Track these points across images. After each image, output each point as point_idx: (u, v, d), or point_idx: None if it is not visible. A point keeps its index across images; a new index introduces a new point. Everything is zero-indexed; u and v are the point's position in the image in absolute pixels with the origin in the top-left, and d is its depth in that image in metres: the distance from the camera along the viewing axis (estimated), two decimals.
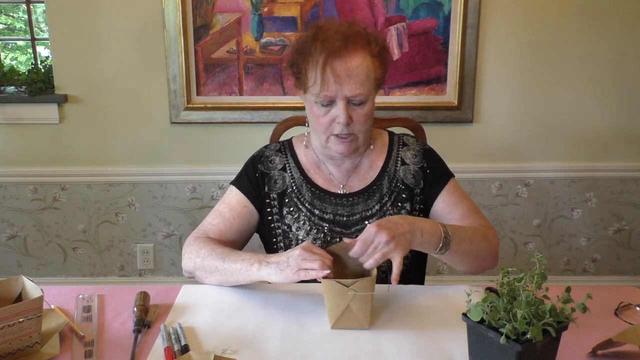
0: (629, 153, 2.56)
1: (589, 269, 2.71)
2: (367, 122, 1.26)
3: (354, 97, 1.21)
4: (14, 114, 2.49)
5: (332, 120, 1.24)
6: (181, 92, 2.44)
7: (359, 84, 1.20)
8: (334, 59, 1.19)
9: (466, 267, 1.26)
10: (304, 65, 1.24)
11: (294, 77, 1.30)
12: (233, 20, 2.39)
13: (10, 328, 0.91)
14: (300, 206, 1.32)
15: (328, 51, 1.19)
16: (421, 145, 1.40)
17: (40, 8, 2.68)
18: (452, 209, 1.32)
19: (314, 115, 1.26)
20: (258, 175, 1.36)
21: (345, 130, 1.24)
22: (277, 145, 1.42)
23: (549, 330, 0.81)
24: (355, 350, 0.99)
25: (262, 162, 1.38)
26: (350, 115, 1.22)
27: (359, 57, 1.20)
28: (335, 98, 1.21)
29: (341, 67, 1.19)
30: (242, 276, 1.17)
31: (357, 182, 1.35)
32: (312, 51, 1.21)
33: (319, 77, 1.20)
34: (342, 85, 1.19)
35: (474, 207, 1.34)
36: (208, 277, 1.24)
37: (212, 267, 1.21)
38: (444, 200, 1.33)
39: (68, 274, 2.68)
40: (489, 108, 2.50)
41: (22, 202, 2.59)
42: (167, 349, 0.97)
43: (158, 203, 2.59)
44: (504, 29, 2.41)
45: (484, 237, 1.24)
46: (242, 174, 1.39)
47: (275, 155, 1.39)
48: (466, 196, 1.35)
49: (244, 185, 1.36)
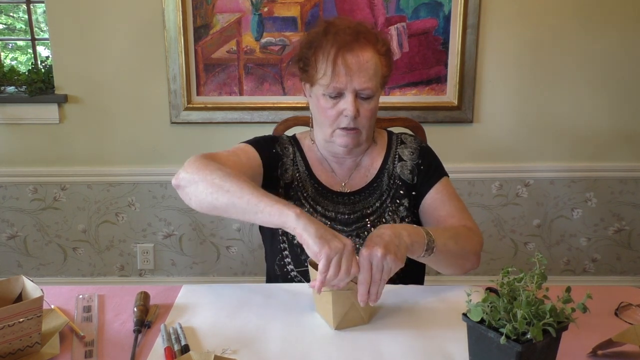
0: (629, 153, 2.56)
1: (589, 269, 2.71)
2: (372, 117, 1.28)
3: (363, 90, 1.22)
4: (14, 114, 2.49)
5: (339, 113, 1.25)
6: (181, 92, 2.44)
7: (367, 77, 1.22)
8: (345, 51, 1.21)
9: (450, 269, 1.23)
10: (314, 57, 1.25)
11: (301, 72, 1.30)
12: (233, 20, 2.39)
13: (10, 328, 0.91)
14: (304, 201, 1.33)
15: (340, 44, 1.21)
16: (418, 143, 1.41)
17: (40, 8, 2.68)
18: (439, 205, 1.31)
19: (321, 107, 1.27)
20: (275, 152, 1.35)
21: (352, 124, 1.25)
22: (287, 138, 1.42)
23: (549, 330, 0.81)
24: (355, 350, 0.98)
25: (280, 144, 1.38)
26: (358, 109, 1.24)
27: (369, 52, 1.23)
28: (344, 90, 1.23)
29: (352, 60, 1.21)
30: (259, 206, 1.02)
31: (359, 180, 1.36)
32: (324, 44, 1.23)
33: (329, 68, 1.21)
34: (352, 78, 1.21)
35: (462, 207, 1.33)
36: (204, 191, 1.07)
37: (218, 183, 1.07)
38: (432, 196, 1.33)
39: (68, 274, 2.69)
40: (489, 108, 2.50)
41: (22, 202, 2.59)
42: (167, 349, 0.97)
43: (158, 203, 2.59)
44: (504, 29, 2.41)
45: (467, 237, 1.23)
46: (259, 140, 1.35)
47: (288, 144, 1.40)
48: (456, 196, 1.35)
49: (261, 148, 1.31)
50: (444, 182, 1.35)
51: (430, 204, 1.33)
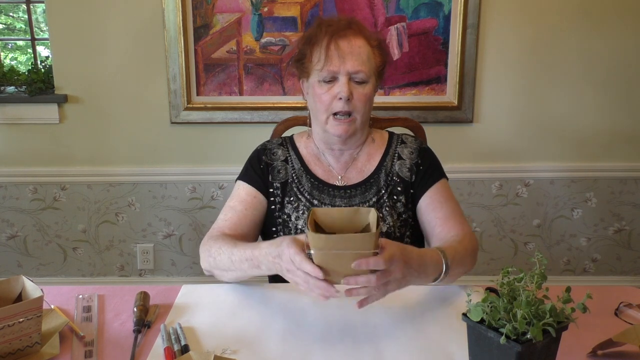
0: (629, 153, 2.56)
1: (589, 269, 2.71)
2: (366, 103, 1.30)
3: (356, 73, 1.26)
4: (14, 114, 2.49)
5: (333, 97, 1.28)
6: (181, 92, 2.44)
7: (360, 61, 1.27)
8: (338, 37, 1.27)
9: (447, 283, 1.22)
10: (310, 49, 1.31)
11: (298, 67, 1.35)
12: (233, 20, 2.39)
13: (10, 328, 0.91)
14: (300, 196, 1.35)
15: (333, 31, 1.28)
16: (419, 144, 1.43)
17: (40, 8, 2.68)
18: (435, 207, 1.33)
19: (316, 95, 1.30)
20: (263, 166, 1.39)
21: (346, 107, 1.27)
22: (279, 140, 1.46)
23: (549, 330, 0.81)
24: (355, 350, 0.98)
25: (265, 154, 1.42)
26: (352, 92, 1.27)
27: (361, 40, 1.29)
28: (337, 74, 1.27)
29: (345, 45, 1.27)
30: (252, 272, 1.16)
31: (355, 175, 1.38)
32: (319, 36, 1.30)
33: (323, 54, 1.27)
34: (345, 61, 1.26)
35: (458, 210, 1.34)
36: (225, 275, 1.24)
37: (224, 265, 1.21)
38: (429, 197, 1.34)
39: (68, 274, 2.69)
40: (489, 108, 2.50)
41: (22, 202, 2.59)
42: (167, 349, 0.97)
43: (158, 203, 2.59)
44: (504, 29, 2.41)
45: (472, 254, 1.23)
46: (247, 168, 1.41)
47: (278, 148, 1.43)
48: (453, 199, 1.36)
49: (250, 177, 1.39)
50: (442, 184, 1.37)
51: (428, 204, 1.34)
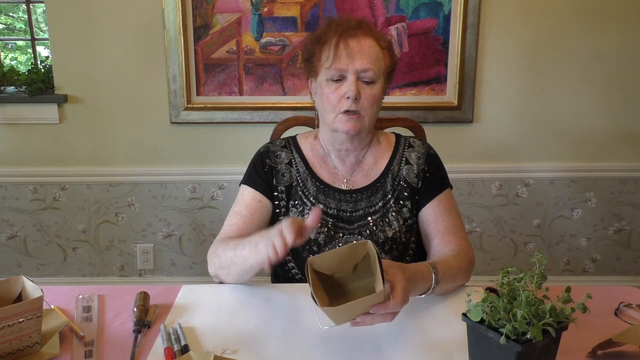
0: (629, 153, 2.56)
1: (589, 269, 2.71)
2: (374, 103, 1.28)
3: (365, 71, 1.25)
4: (14, 114, 2.49)
5: (341, 96, 1.27)
6: (181, 92, 2.44)
7: (369, 60, 1.25)
8: (347, 36, 1.26)
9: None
10: (319, 48, 1.29)
11: (308, 66, 1.34)
12: (233, 20, 2.39)
13: (10, 328, 0.91)
14: (305, 200, 1.34)
15: (342, 30, 1.27)
16: (426, 149, 1.41)
17: (40, 8, 2.68)
18: (437, 219, 1.32)
19: (324, 94, 1.29)
20: (267, 169, 1.37)
21: (353, 107, 1.26)
22: (282, 142, 1.43)
23: (549, 331, 0.81)
24: (355, 350, 0.99)
25: (269, 156, 1.39)
26: (359, 92, 1.25)
27: (371, 40, 1.27)
28: (346, 73, 1.26)
29: (354, 44, 1.25)
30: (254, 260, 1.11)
31: (361, 178, 1.36)
32: (328, 35, 1.28)
33: (332, 52, 1.26)
34: (353, 59, 1.24)
35: (459, 224, 1.33)
36: (228, 273, 1.21)
37: (228, 260, 1.19)
38: (433, 207, 1.33)
39: (68, 274, 2.69)
40: (489, 108, 2.50)
41: (22, 202, 2.59)
42: (167, 349, 0.97)
43: (158, 203, 2.59)
44: (504, 29, 2.41)
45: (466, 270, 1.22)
46: (250, 171, 1.40)
47: (281, 150, 1.41)
48: (456, 211, 1.35)
49: (255, 181, 1.37)
50: (446, 194, 1.36)
51: (431, 214, 1.33)
